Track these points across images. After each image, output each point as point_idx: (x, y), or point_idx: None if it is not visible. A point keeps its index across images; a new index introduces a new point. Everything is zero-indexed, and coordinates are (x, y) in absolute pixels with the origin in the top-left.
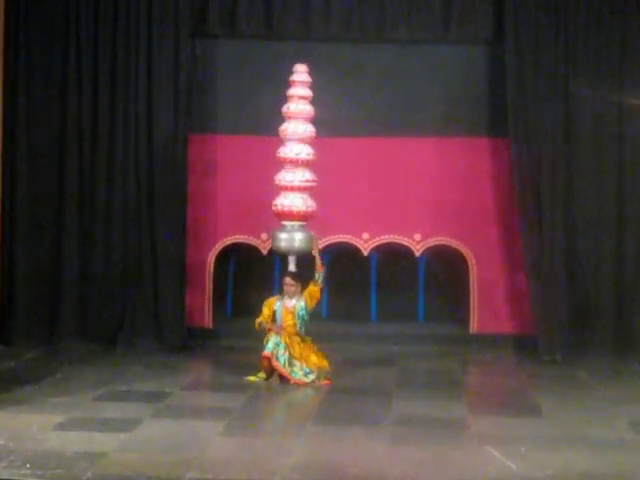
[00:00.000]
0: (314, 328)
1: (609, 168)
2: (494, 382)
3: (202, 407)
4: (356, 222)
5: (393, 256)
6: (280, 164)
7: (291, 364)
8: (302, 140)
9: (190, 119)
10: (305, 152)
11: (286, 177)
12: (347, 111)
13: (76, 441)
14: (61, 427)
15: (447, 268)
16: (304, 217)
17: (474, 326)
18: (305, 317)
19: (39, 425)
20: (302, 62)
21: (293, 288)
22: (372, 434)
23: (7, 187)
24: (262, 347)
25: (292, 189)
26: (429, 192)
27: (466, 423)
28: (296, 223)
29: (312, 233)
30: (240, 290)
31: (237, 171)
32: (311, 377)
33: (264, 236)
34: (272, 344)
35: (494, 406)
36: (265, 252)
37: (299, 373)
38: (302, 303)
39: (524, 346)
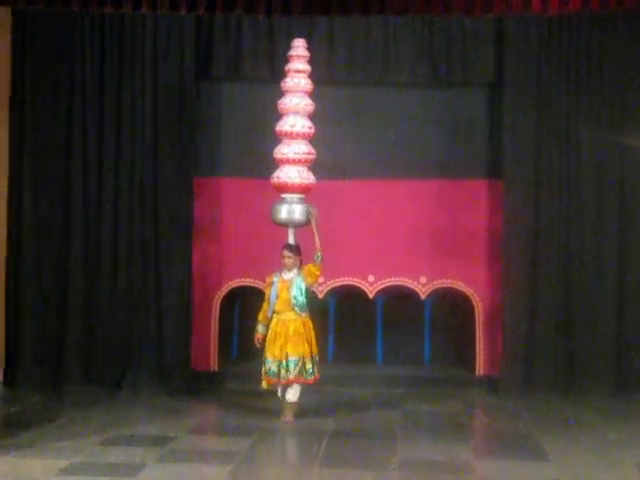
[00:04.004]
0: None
1: (610, 214)
2: (500, 425)
3: (207, 451)
4: (361, 264)
5: (399, 299)
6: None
7: (288, 374)
8: (298, 113)
9: (195, 162)
10: (300, 125)
11: (281, 150)
12: (351, 153)
13: None
14: (65, 472)
15: (453, 310)
16: (300, 189)
17: (480, 368)
18: (301, 291)
19: (43, 470)
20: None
21: (291, 260)
22: (378, 477)
23: (13, 235)
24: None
25: (287, 161)
26: (434, 234)
27: (472, 467)
28: (295, 195)
29: (309, 205)
30: (245, 333)
31: (242, 214)
32: (310, 374)
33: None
34: (274, 368)
35: (500, 449)
36: None
37: (295, 373)
38: (300, 279)
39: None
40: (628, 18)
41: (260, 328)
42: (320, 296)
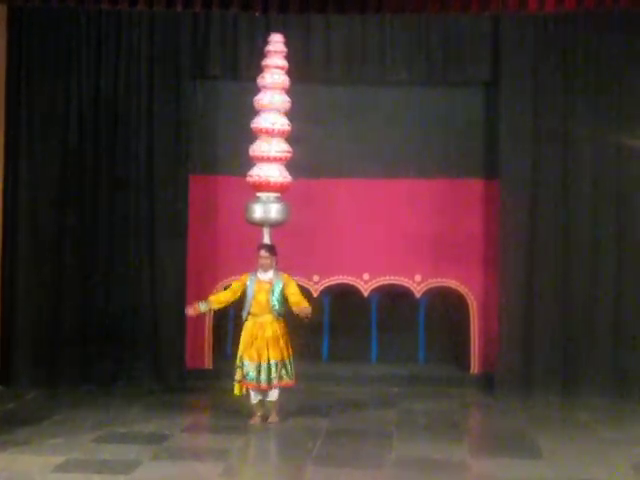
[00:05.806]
0: (314, 370)
1: (607, 213)
2: (494, 423)
3: (201, 449)
4: (356, 263)
5: (394, 297)
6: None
7: (269, 378)
8: (277, 110)
9: (191, 160)
10: (280, 122)
11: (261, 147)
12: (346, 152)
13: None
14: (60, 469)
15: (448, 309)
16: (280, 188)
17: (475, 367)
18: (279, 297)
19: (38, 467)
20: (302, 103)
21: (268, 261)
22: (372, 476)
23: (8, 232)
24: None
25: (268, 159)
26: (429, 233)
27: (467, 465)
28: (271, 194)
29: (287, 204)
30: (240, 331)
31: (237, 212)
32: (290, 376)
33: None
34: (253, 372)
35: (495, 448)
36: None
37: (277, 377)
38: (280, 285)
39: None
40: (624, 16)
41: (202, 306)
42: (315, 295)
